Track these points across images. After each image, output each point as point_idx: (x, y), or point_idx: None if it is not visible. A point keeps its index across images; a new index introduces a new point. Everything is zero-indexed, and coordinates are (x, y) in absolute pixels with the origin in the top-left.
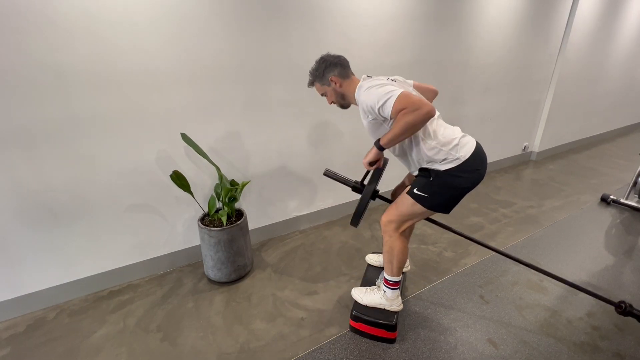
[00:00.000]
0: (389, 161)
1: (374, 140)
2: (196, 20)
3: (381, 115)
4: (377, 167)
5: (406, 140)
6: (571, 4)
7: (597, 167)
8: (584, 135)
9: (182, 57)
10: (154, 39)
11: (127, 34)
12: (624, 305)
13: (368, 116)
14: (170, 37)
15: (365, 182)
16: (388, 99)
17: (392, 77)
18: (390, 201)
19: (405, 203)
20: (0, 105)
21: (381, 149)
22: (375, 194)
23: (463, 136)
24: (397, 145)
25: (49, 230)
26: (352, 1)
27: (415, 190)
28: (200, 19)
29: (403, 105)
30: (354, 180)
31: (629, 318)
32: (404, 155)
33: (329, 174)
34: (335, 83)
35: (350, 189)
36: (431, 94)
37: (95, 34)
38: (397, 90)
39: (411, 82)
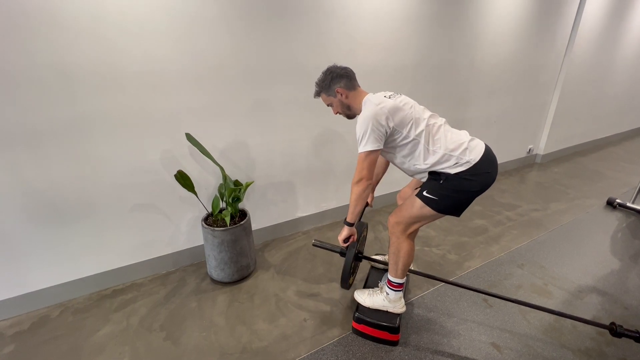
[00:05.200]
0: (371, 207)
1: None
2: (202, 21)
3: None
4: (352, 241)
5: (410, 159)
6: (577, 5)
7: (603, 171)
8: (590, 138)
9: (188, 58)
10: (160, 40)
11: (134, 35)
12: (614, 327)
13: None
14: (176, 38)
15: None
16: (361, 144)
17: (390, 94)
18: (368, 259)
19: (415, 205)
20: (7, 104)
21: (350, 225)
22: (358, 257)
23: (471, 139)
24: (402, 163)
25: (54, 228)
26: (358, 3)
27: (424, 193)
28: (206, 21)
29: (357, 168)
30: (340, 247)
31: (634, 322)
32: (411, 173)
33: (317, 244)
34: (341, 94)
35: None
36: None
37: (102, 35)
38: (369, 145)
39: (412, 102)
